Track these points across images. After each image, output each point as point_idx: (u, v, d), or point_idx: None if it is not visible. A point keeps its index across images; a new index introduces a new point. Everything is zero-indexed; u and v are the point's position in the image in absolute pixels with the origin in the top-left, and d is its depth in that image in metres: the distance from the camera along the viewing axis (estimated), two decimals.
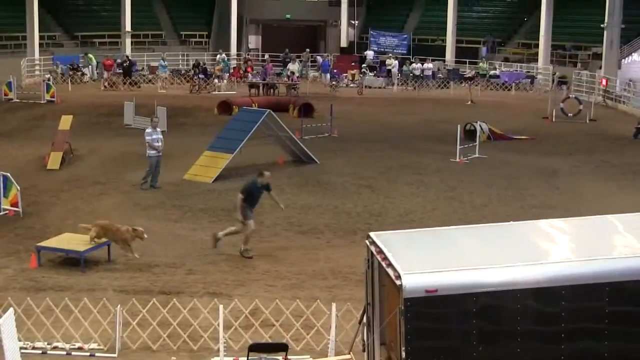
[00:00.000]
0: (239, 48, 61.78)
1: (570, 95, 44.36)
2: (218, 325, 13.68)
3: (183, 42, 62.44)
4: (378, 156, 30.77)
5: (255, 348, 12.93)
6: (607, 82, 48.84)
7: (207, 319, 14.53)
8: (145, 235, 18.84)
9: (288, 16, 66.83)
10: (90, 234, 18.56)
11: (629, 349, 10.74)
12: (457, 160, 29.78)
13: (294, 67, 53.28)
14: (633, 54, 57.57)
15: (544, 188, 26.44)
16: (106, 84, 49.76)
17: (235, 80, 51.90)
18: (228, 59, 56.15)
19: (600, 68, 51.95)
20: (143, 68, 55.02)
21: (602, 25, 51.24)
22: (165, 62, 53.00)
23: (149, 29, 61.70)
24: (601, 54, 52.66)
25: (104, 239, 18.65)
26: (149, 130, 25.36)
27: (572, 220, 13.54)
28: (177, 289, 16.89)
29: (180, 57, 58.37)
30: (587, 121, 40.58)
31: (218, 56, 55.25)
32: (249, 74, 51.95)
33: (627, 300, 10.76)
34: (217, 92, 48.14)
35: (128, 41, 57.70)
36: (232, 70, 54.28)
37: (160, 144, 25.16)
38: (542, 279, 10.51)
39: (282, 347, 13.01)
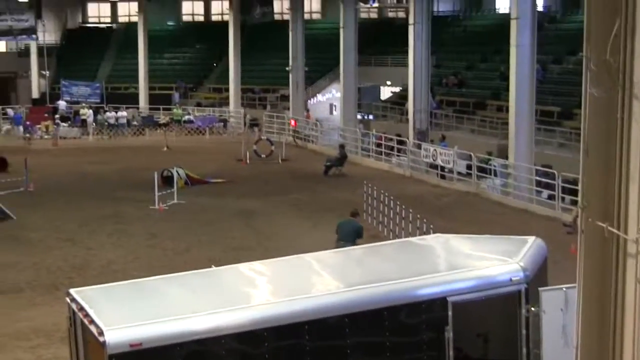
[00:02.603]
0: None
1: (262, 137, 45.67)
2: None
3: None
4: (77, 208, 30.23)
5: None
6: (296, 122, 50.65)
7: None
8: None
9: None
10: None
11: None
12: (157, 207, 29.81)
13: None
14: (318, 94, 60.36)
15: (243, 230, 27.01)
16: None
17: None
18: None
19: (289, 109, 53.83)
20: None
21: (287, 69, 53.26)
22: None
23: None
24: (288, 95, 54.65)
25: None
26: None
27: (270, 261, 13.99)
28: None
29: None
30: (280, 161, 41.88)
31: None
32: None
33: (325, 335, 11.26)
34: None
35: None
36: None
37: None
38: (244, 322, 10.82)
39: None
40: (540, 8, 49.77)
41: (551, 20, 53.59)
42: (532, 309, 11.91)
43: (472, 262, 12.90)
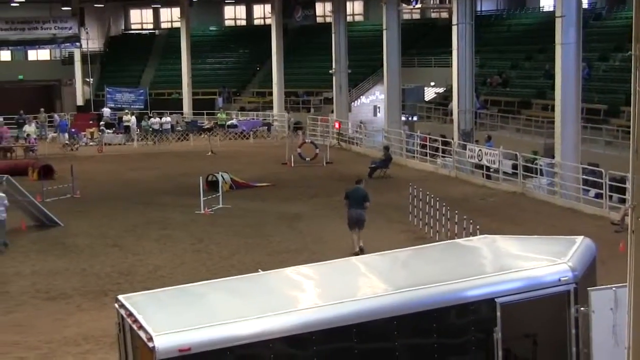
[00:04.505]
0: None
1: (307, 140, 45.71)
2: None
3: None
4: (123, 214, 30.44)
5: None
6: (340, 125, 50.60)
7: None
8: None
9: (21, 77, 65.32)
10: None
11: None
12: (202, 212, 29.93)
13: (30, 128, 51.64)
14: (361, 97, 60.31)
15: (289, 233, 27.02)
16: None
17: None
18: None
19: (333, 112, 53.81)
20: None
21: (330, 72, 53.30)
22: None
23: None
24: (332, 98, 54.64)
25: None
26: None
27: (317, 265, 13.97)
28: None
29: None
30: (324, 164, 41.89)
31: None
32: None
33: (374, 338, 11.24)
34: None
35: None
36: None
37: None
38: (292, 326, 10.82)
39: None
40: (585, 5, 49.32)
41: (596, 18, 53.06)
42: (582, 309, 11.81)
43: (520, 263, 12.79)
